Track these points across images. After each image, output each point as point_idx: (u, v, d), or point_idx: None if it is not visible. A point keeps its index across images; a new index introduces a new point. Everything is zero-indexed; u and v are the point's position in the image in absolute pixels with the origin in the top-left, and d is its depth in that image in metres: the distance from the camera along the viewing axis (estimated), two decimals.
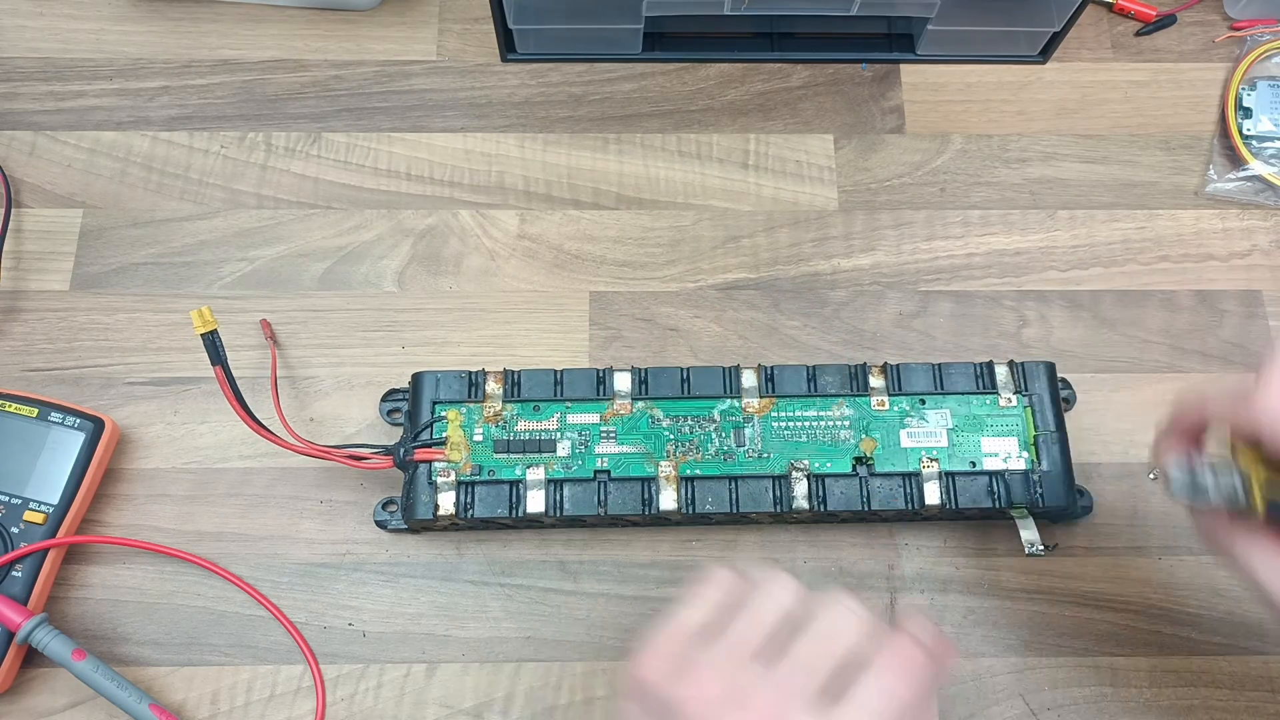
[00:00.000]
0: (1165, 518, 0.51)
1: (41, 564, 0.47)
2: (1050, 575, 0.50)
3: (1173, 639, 0.49)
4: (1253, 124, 0.58)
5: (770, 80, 0.60)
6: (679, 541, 0.50)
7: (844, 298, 0.55)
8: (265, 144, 0.57)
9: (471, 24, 0.61)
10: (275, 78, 0.59)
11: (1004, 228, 0.57)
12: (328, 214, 0.56)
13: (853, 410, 0.49)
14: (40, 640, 0.45)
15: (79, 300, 0.54)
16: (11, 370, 0.52)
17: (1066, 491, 0.48)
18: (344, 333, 0.54)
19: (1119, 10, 0.61)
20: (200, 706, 0.47)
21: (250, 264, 0.55)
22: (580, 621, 0.49)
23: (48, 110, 0.58)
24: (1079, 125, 0.59)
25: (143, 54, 0.59)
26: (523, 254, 0.56)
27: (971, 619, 0.49)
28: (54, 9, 0.60)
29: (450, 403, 0.49)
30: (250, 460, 0.51)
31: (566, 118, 0.59)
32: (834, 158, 0.58)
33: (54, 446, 0.48)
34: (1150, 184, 0.58)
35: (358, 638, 0.48)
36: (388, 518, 0.50)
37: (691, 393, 0.49)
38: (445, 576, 0.50)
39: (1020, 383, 0.50)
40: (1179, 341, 0.55)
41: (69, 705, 0.47)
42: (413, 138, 0.58)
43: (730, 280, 0.55)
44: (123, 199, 0.56)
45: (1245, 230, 0.57)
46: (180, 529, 0.50)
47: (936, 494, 0.47)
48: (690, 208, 0.57)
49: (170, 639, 0.48)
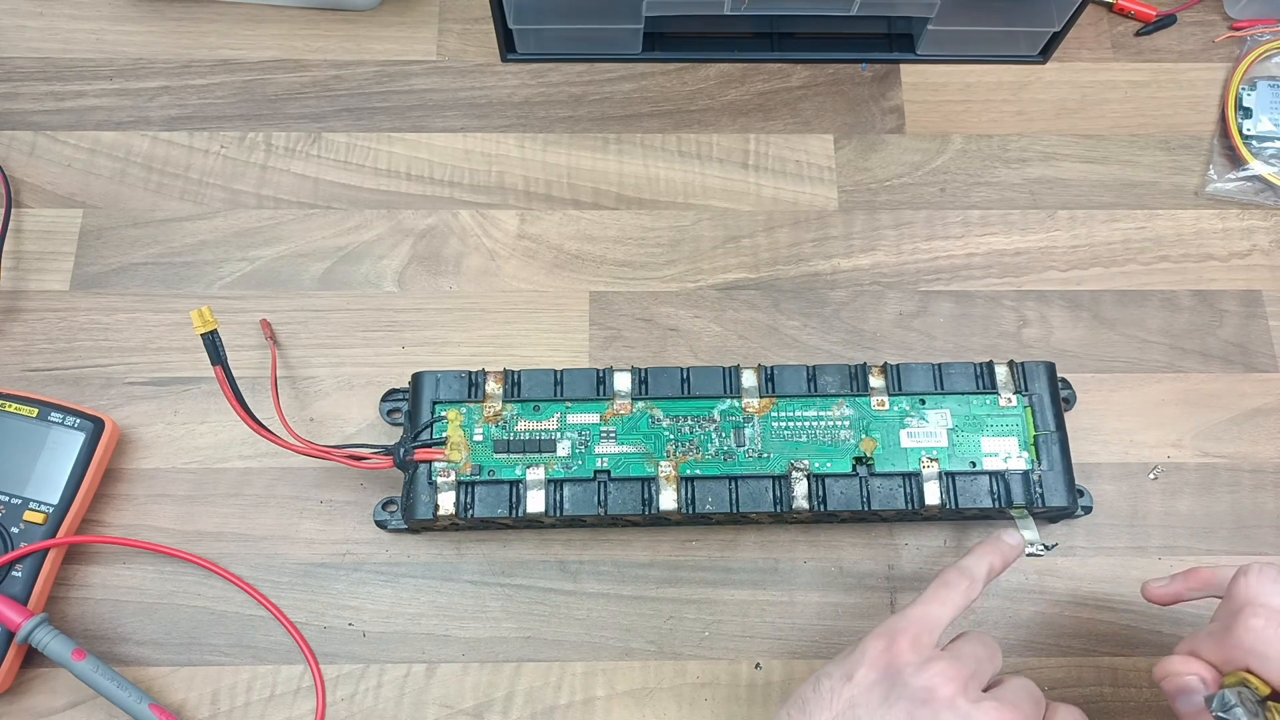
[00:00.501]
0: (1165, 518, 0.51)
1: (41, 564, 0.47)
2: (1050, 575, 0.50)
3: (1173, 639, 0.49)
4: (1253, 124, 0.58)
5: (770, 80, 0.60)
6: (679, 541, 0.50)
7: (844, 298, 0.55)
8: (265, 144, 0.57)
9: (471, 24, 0.61)
10: (275, 78, 0.59)
11: (1004, 228, 0.57)
12: (328, 214, 0.56)
13: (853, 410, 0.49)
14: (40, 640, 0.45)
15: (79, 300, 0.54)
16: (11, 370, 0.52)
17: (1066, 491, 0.48)
18: (344, 333, 0.54)
19: (1119, 10, 0.61)
20: (200, 706, 0.47)
21: (250, 264, 0.55)
22: (580, 621, 0.49)
23: (48, 110, 0.58)
24: (1079, 125, 0.59)
25: (143, 54, 0.59)
26: (523, 254, 0.56)
27: (972, 619, 0.49)
28: (54, 9, 0.60)
29: (450, 403, 0.49)
30: (250, 460, 0.51)
31: (566, 118, 0.59)
32: (834, 158, 0.58)
33: (54, 446, 0.48)
34: (1150, 184, 0.58)
35: (358, 638, 0.48)
36: (388, 518, 0.50)
37: (691, 393, 0.49)
38: (445, 576, 0.50)
39: (1020, 383, 0.50)
40: (1179, 341, 0.55)
41: (69, 705, 0.47)
42: (413, 138, 0.58)
43: (730, 280, 0.55)
44: (123, 199, 0.56)
45: (1245, 230, 0.57)
46: (180, 529, 0.50)
47: (936, 494, 0.47)
48: (690, 208, 0.57)
49: (170, 639, 0.48)
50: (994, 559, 0.43)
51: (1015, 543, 0.45)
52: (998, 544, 0.44)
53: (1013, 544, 0.45)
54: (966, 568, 0.42)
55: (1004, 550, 0.44)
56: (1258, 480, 0.52)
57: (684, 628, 0.49)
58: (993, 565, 0.43)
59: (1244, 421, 0.53)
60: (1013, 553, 0.44)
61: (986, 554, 0.43)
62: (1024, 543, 0.45)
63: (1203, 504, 0.52)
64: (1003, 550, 0.44)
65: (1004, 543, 0.44)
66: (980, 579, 0.42)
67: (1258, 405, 0.53)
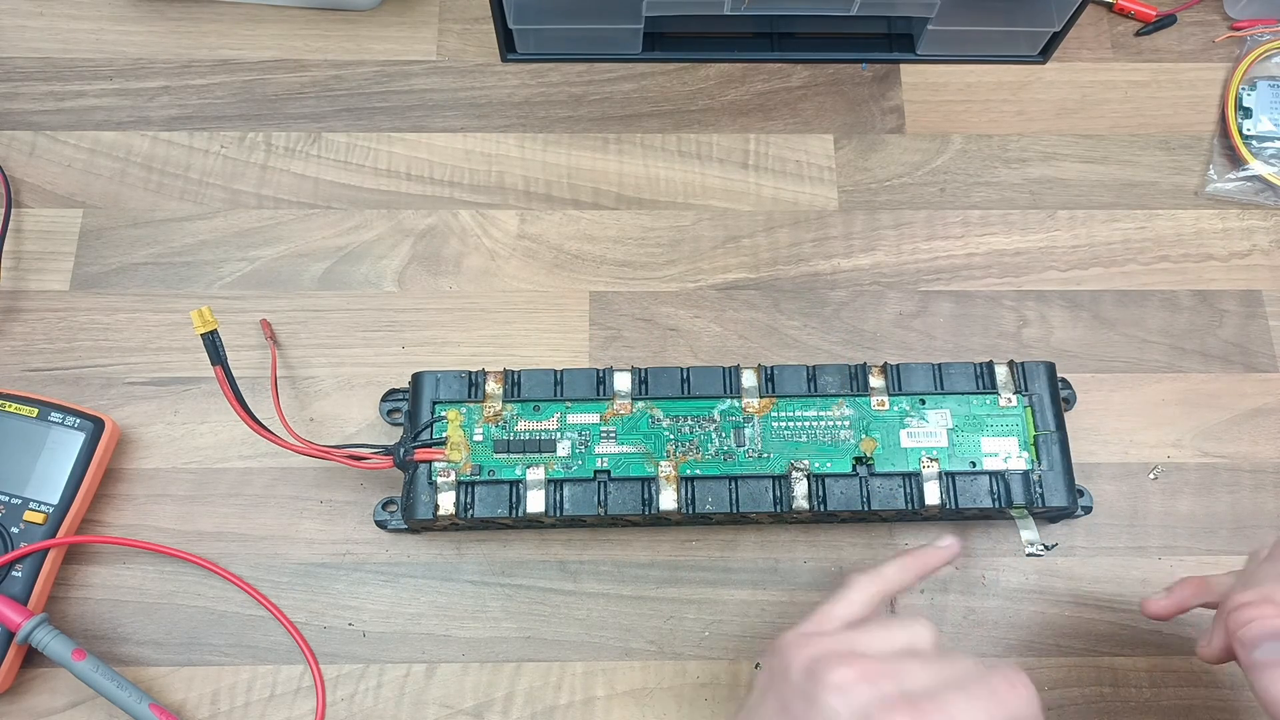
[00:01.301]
0: (1165, 518, 0.51)
1: (41, 564, 0.47)
2: (1050, 575, 0.50)
3: (1173, 639, 0.49)
4: (1253, 124, 0.58)
5: (770, 80, 0.60)
6: (679, 541, 0.50)
7: (844, 298, 0.55)
8: (265, 144, 0.57)
9: (471, 24, 0.61)
10: (275, 78, 0.59)
11: (1004, 228, 0.57)
12: (328, 214, 0.56)
13: (853, 410, 0.49)
14: (40, 640, 0.45)
15: (79, 300, 0.54)
16: (11, 370, 0.52)
17: (1066, 491, 0.48)
18: (344, 333, 0.54)
19: (1119, 10, 0.61)
20: (200, 706, 0.47)
21: (250, 264, 0.55)
22: (580, 621, 0.49)
23: (48, 110, 0.58)
24: (1079, 125, 0.59)
25: (143, 54, 0.59)
26: (523, 254, 0.56)
27: (971, 619, 0.49)
28: (54, 9, 0.60)
29: (450, 403, 0.49)
30: (250, 460, 0.51)
31: (566, 118, 0.59)
32: (834, 158, 0.58)
33: (54, 446, 0.48)
34: (1150, 184, 0.58)
35: (358, 638, 0.48)
36: (388, 518, 0.50)
37: (691, 393, 0.49)
38: (445, 576, 0.50)
39: (1020, 383, 0.50)
40: (1179, 341, 0.55)
41: (69, 705, 0.47)
42: (413, 138, 0.58)
43: (730, 280, 0.55)
44: (123, 199, 0.56)
45: (1245, 230, 0.57)
46: (180, 529, 0.50)
47: (936, 494, 0.47)
48: (690, 208, 0.57)
49: (170, 639, 0.48)
50: (907, 560, 0.41)
51: (943, 545, 0.43)
52: (921, 548, 0.42)
53: (940, 547, 0.43)
54: (871, 568, 0.40)
55: (924, 553, 0.42)
56: (1258, 480, 0.52)
57: (684, 628, 0.49)
58: (905, 564, 0.41)
59: (1244, 421, 0.53)
60: (934, 556, 0.42)
61: (901, 555, 0.42)
62: (957, 545, 0.43)
63: (1203, 504, 0.52)
64: (923, 553, 0.42)
65: (930, 547, 0.42)
66: (886, 576, 0.40)
67: (1258, 405, 0.53)
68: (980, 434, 0.49)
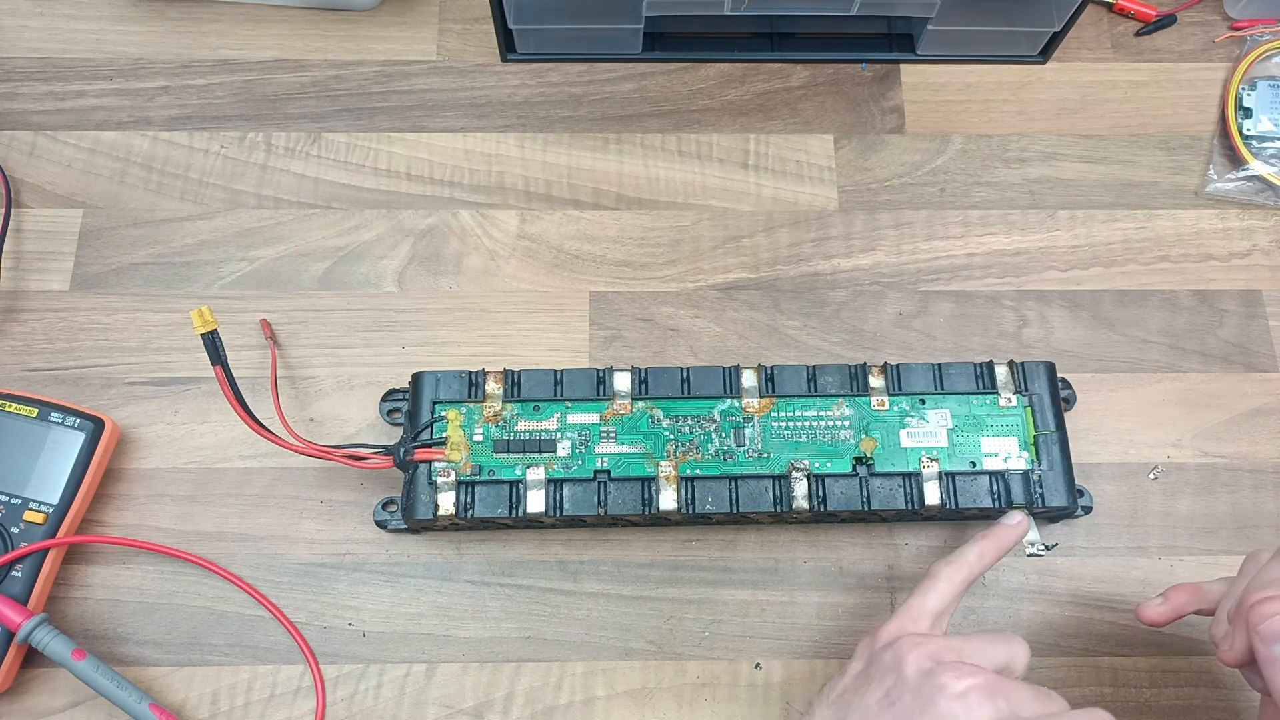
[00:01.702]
0: (1165, 518, 0.51)
1: (41, 564, 0.47)
2: (1050, 575, 0.50)
3: (1173, 639, 0.49)
4: (1253, 124, 0.58)
5: (770, 80, 0.60)
6: (679, 541, 0.50)
7: (844, 298, 0.55)
8: (265, 144, 0.57)
9: (471, 24, 0.61)
10: (275, 78, 0.59)
11: (1004, 228, 0.57)
12: (328, 214, 0.56)
13: (853, 410, 0.49)
14: (40, 640, 0.45)
15: (79, 300, 0.54)
16: (11, 370, 0.52)
17: (1066, 491, 0.48)
18: (344, 333, 0.54)
19: (1119, 10, 0.61)
20: (200, 706, 0.47)
21: (250, 264, 0.55)
22: (580, 621, 0.49)
23: (48, 110, 0.58)
24: (1079, 125, 0.59)
25: (143, 54, 0.59)
26: (523, 254, 0.56)
27: (972, 619, 0.49)
28: (54, 9, 0.60)
29: (450, 403, 0.49)
30: (250, 460, 0.51)
31: (566, 118, 0.59)
32: (834, 158, 0.58)
33: (54, 446, 0.48)
34: (1150, 184, 0.58)
35: (358, 638, 0.48)
36: (388, 518, 0.50)
37: (691, 393, 0.49)
38: (445, 576, 0.50)
39: (1020, 383, 0.50)
40: (1179, 341, 0.55)
41: (69, 705, 0.47)
42: (413, 138, 0.58)
43: (730, 280, 0.55)
44: (123, 199, 0.56)
45: (1245, 230, 0.57)
46: (180, 529, 0.50)
47: (936, 494, 0.47)
48: (690, 208, 0.57)
49: (170, 639, 0.48)
50: (984, 543, 0.44)
51: (1013, 523, 0.45)
52: (993, 529, 0.45)
53: (1010, 524, 0.45)
54: (953, 557, 0.43)
55: (998, 534, 0.45)
56: (1258, 480, 0.52)
57: (684, 628, 0.49)
58: (983, 549, 0.44)
59: (1244, 421, 0.53)
60: (1008, 535, 0.45)
61: (978, 540, 0.44)
62: (1027, 521, 0.46)
63: (1203, 504, 0.52)
64: (997, 534, 0.45)
65: (1000, 526, 0.45)
66: (969, 563, 0.43)
67: (1258, 405, 0.53)
68: (980, 434, 0.49)
